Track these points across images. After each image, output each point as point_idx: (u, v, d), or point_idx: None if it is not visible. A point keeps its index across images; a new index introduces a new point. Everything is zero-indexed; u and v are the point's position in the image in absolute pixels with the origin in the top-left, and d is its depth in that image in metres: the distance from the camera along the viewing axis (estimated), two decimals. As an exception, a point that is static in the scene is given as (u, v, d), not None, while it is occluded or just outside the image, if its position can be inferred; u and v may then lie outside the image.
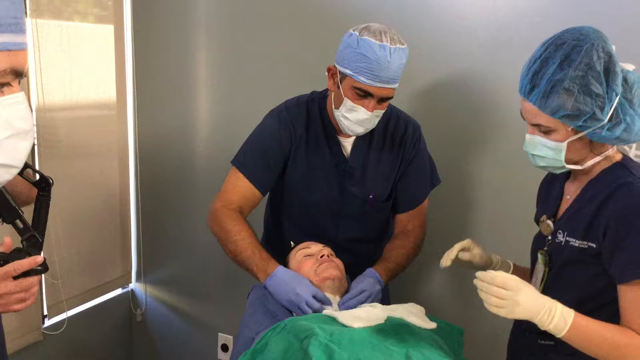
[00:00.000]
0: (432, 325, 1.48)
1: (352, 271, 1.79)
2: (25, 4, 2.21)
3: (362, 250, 1.90)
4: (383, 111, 1.75)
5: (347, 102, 1.70)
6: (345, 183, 1.87)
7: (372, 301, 1.66)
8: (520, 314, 1.31)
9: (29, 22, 2.25)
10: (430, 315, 1.55)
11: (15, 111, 0.94)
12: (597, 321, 1.32)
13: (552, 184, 1.56)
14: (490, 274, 1.32)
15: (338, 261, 1.74)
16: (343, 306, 1.63)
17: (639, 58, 1.86)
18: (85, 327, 2.71)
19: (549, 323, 1.30)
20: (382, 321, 1.46)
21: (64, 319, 2.52)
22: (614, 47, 1.31)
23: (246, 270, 1.75)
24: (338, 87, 1.72)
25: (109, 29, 2.64)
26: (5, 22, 0.88)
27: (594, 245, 1.36)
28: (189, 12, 2.61)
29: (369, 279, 1.70)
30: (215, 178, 1.98)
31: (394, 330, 1.40)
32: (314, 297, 1.59)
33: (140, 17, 2.71)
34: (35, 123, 2.33)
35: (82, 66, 2.52)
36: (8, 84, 0.92)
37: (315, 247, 1.76)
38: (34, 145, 2.32)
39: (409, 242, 1.90)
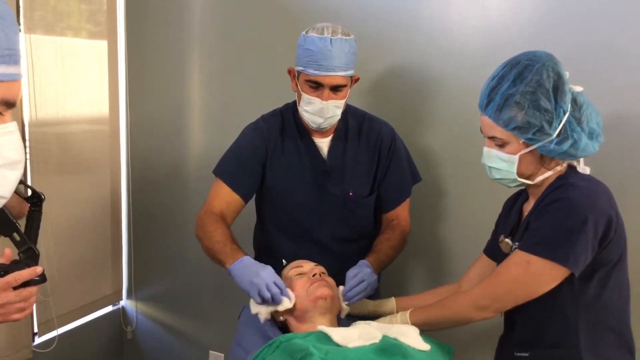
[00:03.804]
0: (426, 347, 1.48)
1: (343, 276, 1.80)
2: (18, 20, 2.22)
3: (349, 251, 1.95)
4: (341, 101, 1.84)
5: (305, 96, 1.84)
6: (324, 183, 1.95)
7: (371, 290, 1.74)
8: None
9: (22, 37, 2.24)
10: (424, 335, 1.55)
11: (6, 141, 0.95)
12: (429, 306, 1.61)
13: (513, 206, 1.64)
14: None
15: (330, 280, 1.75)
16: (345, 297, 1.71)
17: (633, 70, 1.91)
18: (75, 345, 2.68)
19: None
20: (377, 340, 1.45)
21: (55, 337, 2.50)
22: (567, 74, 1.41)
23: (217, 262, 1.80)
24: (297, 85, 1.87)
25: (102, 44, 2.65)
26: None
27: None
28: (182, 27, 2.62)
29: (365, 269, 1.77)
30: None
31: (388, 350, 1.40)
32: (275, 283, 1.63)
33: (133, 33, 2.71)
34: (27, 137, 2.32)
35: (75, 81, 2.52)
36: None
37: (307, 266, 1.77)
38: (25, 159, 2.31)
39: (395, 234, 1.98)
